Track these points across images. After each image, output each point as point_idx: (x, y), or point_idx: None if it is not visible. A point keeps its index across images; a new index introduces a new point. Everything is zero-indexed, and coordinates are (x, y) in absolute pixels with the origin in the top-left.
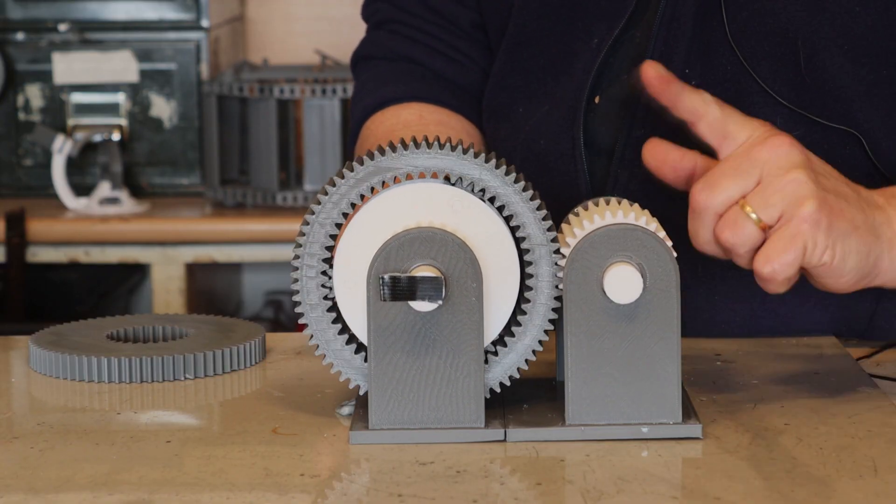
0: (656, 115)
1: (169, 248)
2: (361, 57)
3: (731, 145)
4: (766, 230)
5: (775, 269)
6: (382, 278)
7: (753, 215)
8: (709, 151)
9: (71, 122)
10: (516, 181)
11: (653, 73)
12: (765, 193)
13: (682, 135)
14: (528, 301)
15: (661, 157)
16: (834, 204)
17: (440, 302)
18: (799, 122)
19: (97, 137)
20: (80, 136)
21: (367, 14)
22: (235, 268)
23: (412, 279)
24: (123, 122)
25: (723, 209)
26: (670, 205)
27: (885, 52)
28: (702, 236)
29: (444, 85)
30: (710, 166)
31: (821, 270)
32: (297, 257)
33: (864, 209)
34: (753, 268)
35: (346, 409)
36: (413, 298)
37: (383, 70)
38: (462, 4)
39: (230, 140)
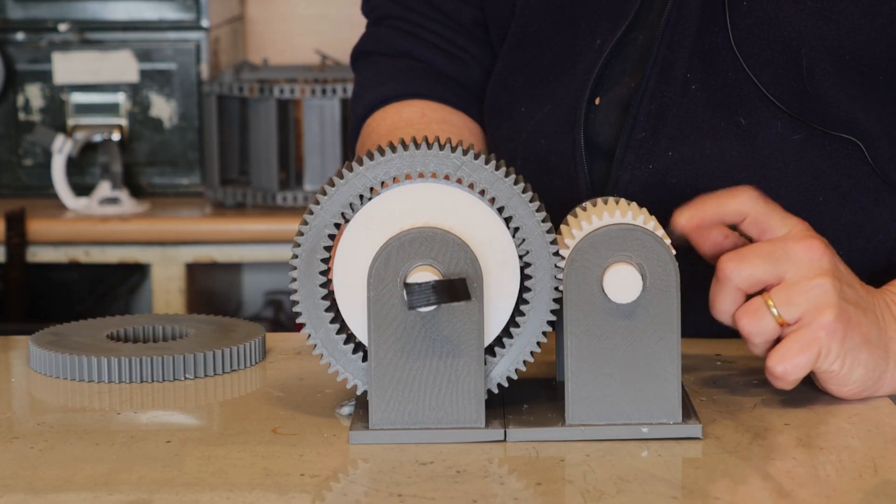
0: (657, 119)
1: (169, 248)
2: (361, 52)
3: (769, 237)
4: (783, 326)
5: (787, 369)
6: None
7: (774, 310)
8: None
9: (71, 122)
10: (515, 182)
11: (685, 220)
12: (790, 293)
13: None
14: (527, 301)
15: (705, 234)
16: (852, 316)
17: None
18: (799, 128)
19: (97, 137)
20: (80, 136)
21: (367, 9)
22: (235, 268)
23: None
24: (123, 122)
25: (744, 284)
26: (671, 207)
27: (886, 62)
28: (719, 304)
29: (445, 82)
30: None
31: (828, 376)
32: (295, 257)
33: (879, 323)
34: (767, 364)
35: (346, 409)
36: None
37: (384, 66)
38: (464, 1)
39: (230, 140)
